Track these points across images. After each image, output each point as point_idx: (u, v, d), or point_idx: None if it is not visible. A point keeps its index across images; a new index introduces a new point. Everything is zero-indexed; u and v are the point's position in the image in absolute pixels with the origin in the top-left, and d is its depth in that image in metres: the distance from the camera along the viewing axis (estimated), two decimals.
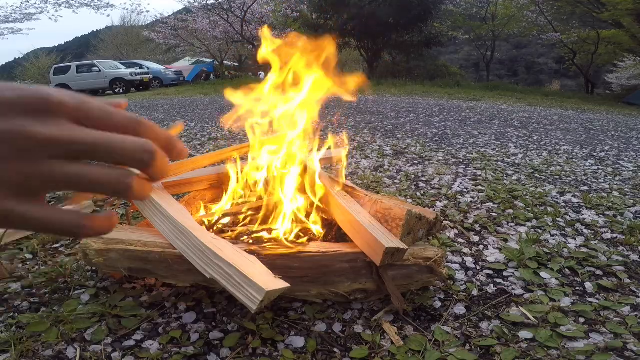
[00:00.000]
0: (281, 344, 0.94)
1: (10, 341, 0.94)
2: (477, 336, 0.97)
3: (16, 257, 1.40)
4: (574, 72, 20.14)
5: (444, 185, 2.23)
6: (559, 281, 1.22)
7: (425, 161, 2.83)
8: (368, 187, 2.19)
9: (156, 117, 5.81)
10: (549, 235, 1.56)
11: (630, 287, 1.20)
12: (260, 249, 1.03)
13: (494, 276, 1.26)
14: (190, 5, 17.44)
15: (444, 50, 28.69)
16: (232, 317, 1.04)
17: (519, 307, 1.08)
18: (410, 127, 4.40)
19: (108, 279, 1.21)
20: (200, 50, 21.43)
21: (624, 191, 2.22)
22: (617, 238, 1.56)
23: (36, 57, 32.70)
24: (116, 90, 14.11)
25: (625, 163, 2.97)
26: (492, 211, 1.82)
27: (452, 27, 18.80)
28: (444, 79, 14.11)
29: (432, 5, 15.57)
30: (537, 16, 16.63)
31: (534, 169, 2.65)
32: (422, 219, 1.10)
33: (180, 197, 1.49)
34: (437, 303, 1.10)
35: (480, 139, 3.75)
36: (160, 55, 26.37)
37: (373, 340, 0.95)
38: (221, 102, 8.04)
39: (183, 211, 1.13)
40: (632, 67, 19.21)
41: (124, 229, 1.23)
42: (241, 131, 4.22)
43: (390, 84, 11.93)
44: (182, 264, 1.03)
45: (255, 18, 16.46)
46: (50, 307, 1.09)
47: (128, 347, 0.94)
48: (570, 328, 0.99)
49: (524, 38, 22.32)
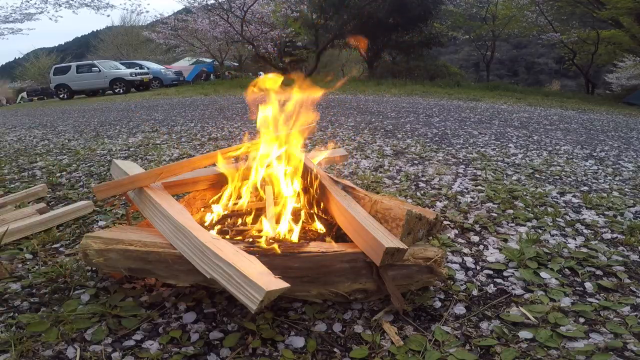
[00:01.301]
0: (281, 344, 0.94)
1: (10, 341, 0.94)
2: (477, 336, 0.97)
3: (16, 257, 1.40)
4: (574, 72, 20.14)
5: (444, 185, 2.23)
6: (559, 281, 1.22)
7: (425, 161, 2.83)
8: (368, 187, 2.19)
9: (156, 117, 5.81)
10: (549, 235, 1.56)
11: (630, 287, 1.20)
12: (260, 248, 1.03)
13: (494, 276, 1.26)
14: (190, 5, 17.42)
15: (444, 50, 28.67)
16: (232, 317, 1.04)
17: (519, 307, 1.08)
18: (410, 127, 4.40)
19: (108, 279, 1.21)
20: (200, 50, 21.42)
21: (624, 191, 2.22)
22: (617, 238, 1.56)
23: (36, 57, 32.69)
24: (116, 90, 14.11)
25: (625, 163, 2.97)
26: (492, 211, 1.82)
27: (452, 27, 18.79)
28: (444, 79, 14.11)
29: (432, 5, 15.57)
30: (537, 16, 16.61)
31: (534, 169, 2.65)
32: (422, 219, 1.10)
33: (180, 197, 1.49)
34: (437, 303, 1.10)
35: (480, 139, 3.75)
36: (160, 55, 26.35)
37: (373, 340, 0.95)
38: (221, 102, 8.04)
39: (183, 211, 1.13)
40: (632, 67, 19.21)
41: (124, 229, 1.23)
42: (240, 131, 4.22)
43: (390, 84, 11.93)
44: (182, 264, 1.03)
45: (255, 18, 16.45)
46: (50, 307, 1.09)
47: (128, 347, 0.94)
48: (570, 328, 0.99)
49: (524, 38, 22.33)
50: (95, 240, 1.12)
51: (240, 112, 6.13)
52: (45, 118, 7.07)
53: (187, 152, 3.23)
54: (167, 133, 4.28)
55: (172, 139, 3.91)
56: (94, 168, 2.78)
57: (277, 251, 1.02)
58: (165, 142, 3.75)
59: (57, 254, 1.43)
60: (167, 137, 4.04)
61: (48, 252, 1.45)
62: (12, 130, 5.49)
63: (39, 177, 2.57)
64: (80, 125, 5.43)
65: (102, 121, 5.79)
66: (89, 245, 1.11)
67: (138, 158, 3.08)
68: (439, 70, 16.13)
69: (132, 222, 1.51)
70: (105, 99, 12.11)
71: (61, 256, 1.41)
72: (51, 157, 3.26)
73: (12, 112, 9.91)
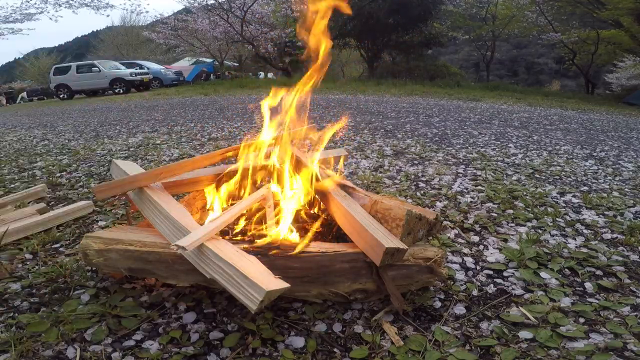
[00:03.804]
0: (281, 344, 0.94)
1: (10, 341, 0.94)
2: (477, 336, 0.97)
3: (16, 257, 1.40)
4: (574, 72, 20.15)
5: (444, 185, 2.23)
6: (559, 281, 1.22)
7: (425, 161, 2.83)
8: (368, 187, 2.19)
9: (156, 117, 5.81)
10: (549, 236, 1.56)
11: (630, 287, 1.20)
12: (260, 248, 1.03)
13: (494, 276, 1.26)
14: (190, 6, 17.43)
15: (444, 51, 28.68)
16: (232, 317, 1.04)
17: (519, 307, 1.08)
18: (410, 127, 4.40)
19: (108, 279, 1.21)
20: (200, 50, 21.43)
21: (624, 191, 2.22)
22: (617, 238, 1.56)
23: (36, 57, 32.73)
24: (116, 90, 14.12)
25: (625, 163, 2.97)
26: (492, 211, 1.82)
27: (452, 27, 18.79)
28: (444, 79, 14.10)
29: (432, 6, 15.57)
30: (537, 16, 16.61)
31: (534, 169, 2.65)
32: (422, 219, 1.10)
33: (180, 197, 1.49)
34: (437, 303, 1.10)
35: (480, 139, 3.75)
36: (160, 55, 26.36)
37: (373, 340, 0.95)
38: (221, 102, 8.04)
39: (183, 211, 1.13)
40: (632, 67, 19.21)
41: (124, 229, 1.23)
42: (240, 131, 4.22)
43: (390, 84, 11.93)
44: (182, 264, 1.03)
45: (255, 18, 16.46)
46: (50, 307, 1.09)
47: (128, 347, 0.94)
48: (570, 328, 0.99)
49: (524, 38, 22.31)
50: (95, 240, 1.12)
51: (241, 112, 6.13)
52: (45, 118, 7.07)
53: (187, 152, 3.24)
54: (167, 133, 4.28)
55: (172, 139, 3.91)
56: (94, 168, 2.78)
57: (277, 251, 1.02)
58: (165, 142, 3.75)
59: (57, 254, 1.43)
60: (167, 137, 4.04)
61: (48, 252, 1.45)
62: (12, 130, 5.49)
63: (39, 177, 2.57)
64: (80, 126, 5.43)
65: (102, 121, 5.79)
66: (89, 245, 1.11)
67: (138, 158, 3.08)
68: (439, 70, 16.13)
69: (132, 222, 1.51)
70: (105, 99, 12.11)
71: (61, 256, 1.41)
72: (51, 157, 3.26)
73: (12, 112, 9.91)
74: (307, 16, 1.19)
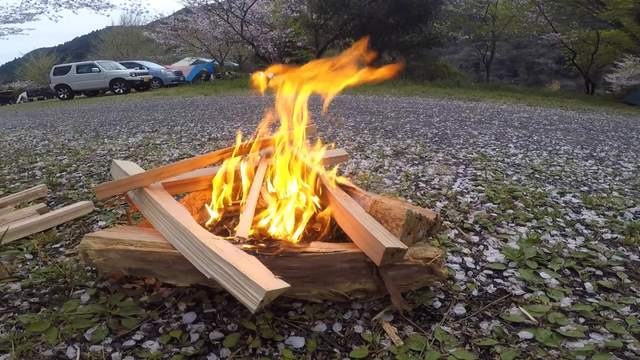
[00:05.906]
0: (281, 344, 0.94)
1: (10, 341, 0.94)
2: (477, 336, 0.97)
3: (16, 257, 1.40)
4: (574, 72, 20.13)
5: (444, 185, 2.23)
6: (559, 281, 1.22)
7: (425, 161, 2.83)
8: (368, 187, 2.19)
9: (156, 117, 5.81)
10: (549, 236, 1.56)
11: (630, 287, 1.20)
12: (260, 248, 1.03)
13: (494, 276, 1.26)
14: (190, 6, 17.44)
15: (444, 51, 28.65)
16: (232, 317, 1.04)
17: (519, 307, 1.08)
18: (410, 127, 4.40)
19: (108, 279, 1.21)
20: (200, 50, 21.44)
21: (624, 191, 2.22)
22: (617, 238, 1.56)
23: (36, 57, 32.71)
24: (116, 90, 14.11)
25: (625, 163, 2.97)
26: (492, 211, 1.82)
27: (452, 27, 18.81)
28: (444, 79, 14.11)
29: (431, 6, 15.57)
30: (537, 16, 16.62)
31: (534, 169, 2.64)
32: (422, 219, 1.10)
33: (180, 197, 1.49)
34: (437, 303, 1.10)
35: (480, 139, 3.75)
36: (160, 55, 26.36)
37: (373, 340, 0.95)
38: (221, 102, 8.04)
39: (183, 211, 1.13)
40: (632, 67, 19.20)
41: (124, 229, 1.23)
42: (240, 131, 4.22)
43: (390, 84, 11.92)
44: (182, 264, 1.03)
45: (255, 18, 16.46)
46: (50, 307, 1.09)
47: (128, 347, 0.94)
48: (570, 328, 0.99)
49: (524, 38, 22.30)
50: (95, 241, 1.12)
51: (240, 112, 6.13)
52: (45, 118, 7.07)
53: (187, 152, 3.23)
54: (167, 133, 4.28)
55: (172, 139, 3.91)
56: (94, 168, 2.78)
57: (277, 251, 1.02)
58: (165, 142, 3.75)
59: (57, 254, 1.43)
60: (167, 137, 4.04)
61: (48, 252, 1.45)
62: (12, 130, 5.49)
63: (39, 177, 2.57)
64: (80, 126, 5.43)
65: (102, 121, 5.79)
66: (89, 245, 1.11)
67: (138, 158, 3.08)
68: (439, 70, 16.14)
69: (132, 222, 1.51)
70: (105, 99, 12.11)
71: (61, 256, 1.41)
72: (51, 157, 3.26)
73: (12, 112, 9.91)
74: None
